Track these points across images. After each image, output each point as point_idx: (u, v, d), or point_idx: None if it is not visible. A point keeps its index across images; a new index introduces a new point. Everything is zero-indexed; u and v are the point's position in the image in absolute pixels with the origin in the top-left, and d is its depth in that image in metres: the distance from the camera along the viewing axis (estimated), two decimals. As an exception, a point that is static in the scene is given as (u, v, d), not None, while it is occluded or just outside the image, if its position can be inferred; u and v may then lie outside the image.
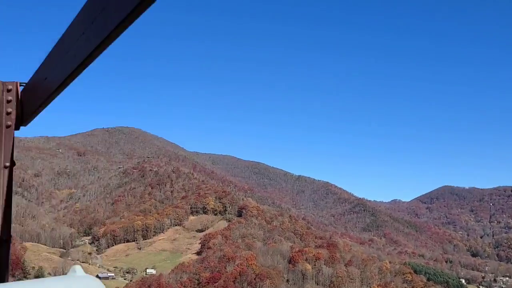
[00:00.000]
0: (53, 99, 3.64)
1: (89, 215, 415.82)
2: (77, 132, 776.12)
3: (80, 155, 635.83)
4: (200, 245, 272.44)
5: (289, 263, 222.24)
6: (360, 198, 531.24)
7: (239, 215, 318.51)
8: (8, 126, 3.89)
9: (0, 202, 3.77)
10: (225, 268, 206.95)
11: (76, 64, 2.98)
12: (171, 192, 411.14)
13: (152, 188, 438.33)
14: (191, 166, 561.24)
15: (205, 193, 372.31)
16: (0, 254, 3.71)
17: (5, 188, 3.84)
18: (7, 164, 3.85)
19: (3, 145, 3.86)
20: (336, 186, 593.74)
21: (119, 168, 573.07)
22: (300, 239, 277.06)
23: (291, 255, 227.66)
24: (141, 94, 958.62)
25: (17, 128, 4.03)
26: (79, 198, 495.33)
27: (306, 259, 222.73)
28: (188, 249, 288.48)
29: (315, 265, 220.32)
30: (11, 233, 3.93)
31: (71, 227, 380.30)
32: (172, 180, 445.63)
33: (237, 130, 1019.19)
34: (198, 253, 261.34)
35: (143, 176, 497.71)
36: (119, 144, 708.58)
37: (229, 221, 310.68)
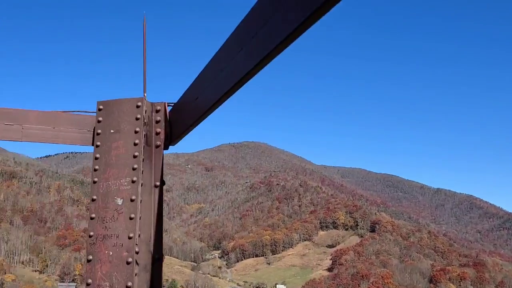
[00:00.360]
0: (204, 118, 3.64)
1: (218, 229, 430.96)
2: (205, 148, 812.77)
3: (208, 171, 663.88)
4: (331, 261, 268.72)
5: (430, 283, 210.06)
6: (511, 213, 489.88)
7: (372, 230, 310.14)
8: (157, 146, 3.99)
9: (152, 221, 3.85)
10: (359, 286, 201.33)
11: (231, 83, 2.91)
12: (299, 206, 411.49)
13: (279, 202, 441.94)
14: (319, 179, 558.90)
15: (334, 207, 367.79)
16: (153, 273, 3.72)
17: (156, 207, 3.94)
18: (157, 183, 3.97)
19: (154, 164, 3.96)
20: (482, 200, 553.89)
21: (246, 182, 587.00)
22: (442, 257, 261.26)
23: (432, 274, 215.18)
24: (267, 109, 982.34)
25: (166, 147, 4.12)
26: (208, 213, 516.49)
27: (450, 279, 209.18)
28: (319, 265, 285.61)
29: (460, 285, 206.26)
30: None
31: (201, 241, 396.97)
32: (299, 194, 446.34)
33: (367, 142, 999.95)
34: (329, 269, 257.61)
35: (270, 190, 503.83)
36: (245, 159, 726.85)
37: (361, 236, 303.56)
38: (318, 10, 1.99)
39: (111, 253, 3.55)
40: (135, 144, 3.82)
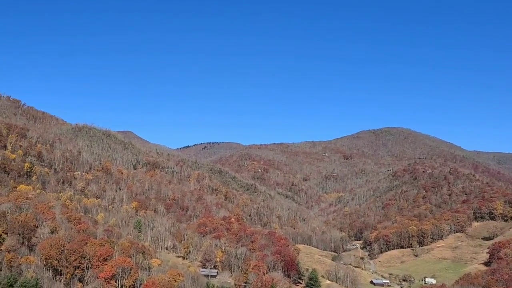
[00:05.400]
0: None
1: (359, 219, 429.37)
2: (342, 136, 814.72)
3: (347, 158, 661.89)
4: (489, 254, 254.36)
5: None
6: None
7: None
8: None
9: None
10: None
11: None
12: (449, 195, 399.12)
13: (426, 191, 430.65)
14: (471, 166, 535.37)
15: (490, 197, 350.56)
16: None
17: None
18: None
19: None
20: None
21: (388, 170, 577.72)
22: None
23: None
24: (410, 92, 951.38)
25: None
26: (347, 202, 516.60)
27: None
28: (474, 258, 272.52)
29: None
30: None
31: (341, 230, 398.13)
32: (449, 183, 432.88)
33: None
34: (487, 264, 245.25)
35: (415, 178, 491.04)
36: (386, 145, 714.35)
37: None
38: None
39: None
40: None
